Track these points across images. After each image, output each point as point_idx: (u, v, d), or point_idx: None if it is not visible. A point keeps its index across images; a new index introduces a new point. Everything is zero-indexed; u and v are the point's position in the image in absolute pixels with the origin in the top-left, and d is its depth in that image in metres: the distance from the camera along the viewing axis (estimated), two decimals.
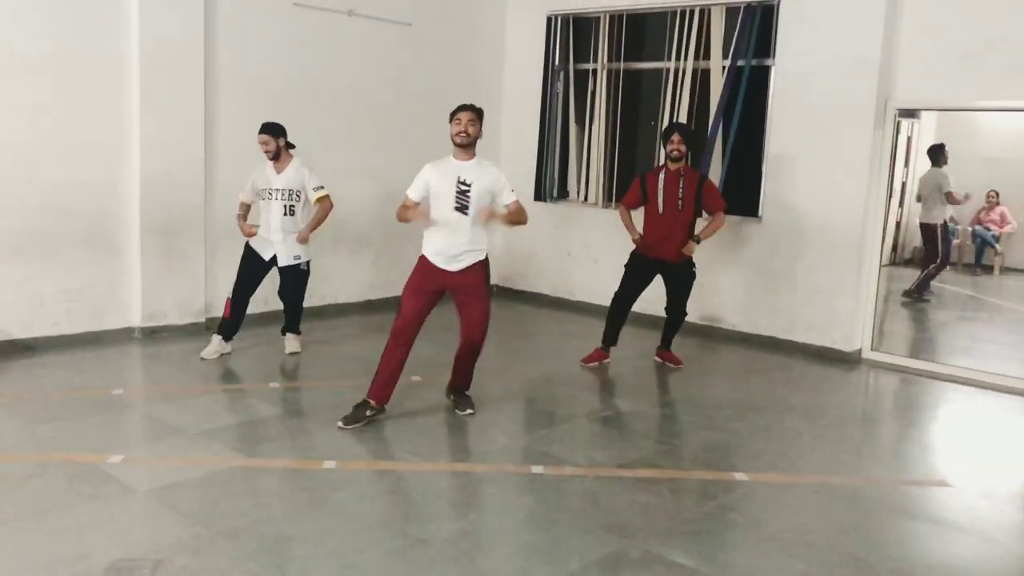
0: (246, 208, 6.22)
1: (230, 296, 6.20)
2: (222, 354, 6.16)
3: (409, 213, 4.89)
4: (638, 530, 3.70)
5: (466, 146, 4.85)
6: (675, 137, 6.02)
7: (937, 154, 9.30)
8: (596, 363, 6.39)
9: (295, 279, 6.22)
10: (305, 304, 7.55)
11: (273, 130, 5.95)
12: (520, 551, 3.51)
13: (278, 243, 6.08)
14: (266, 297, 6.61)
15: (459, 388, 5.34)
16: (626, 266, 6.38)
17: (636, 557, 3.45)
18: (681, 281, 6.31)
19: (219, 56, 6.80)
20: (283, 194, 6.03)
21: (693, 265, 6.30)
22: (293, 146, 6.10)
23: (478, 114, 4.86)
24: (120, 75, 6.31)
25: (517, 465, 4.43)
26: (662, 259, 6.20)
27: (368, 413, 4.89)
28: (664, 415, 5.34)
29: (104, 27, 6.21)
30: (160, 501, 3.80)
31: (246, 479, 4.10)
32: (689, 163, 6.28)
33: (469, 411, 5.21)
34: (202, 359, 6.06)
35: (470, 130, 4.81)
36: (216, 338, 6.17)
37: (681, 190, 6.08)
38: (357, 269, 7.96)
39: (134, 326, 6.58)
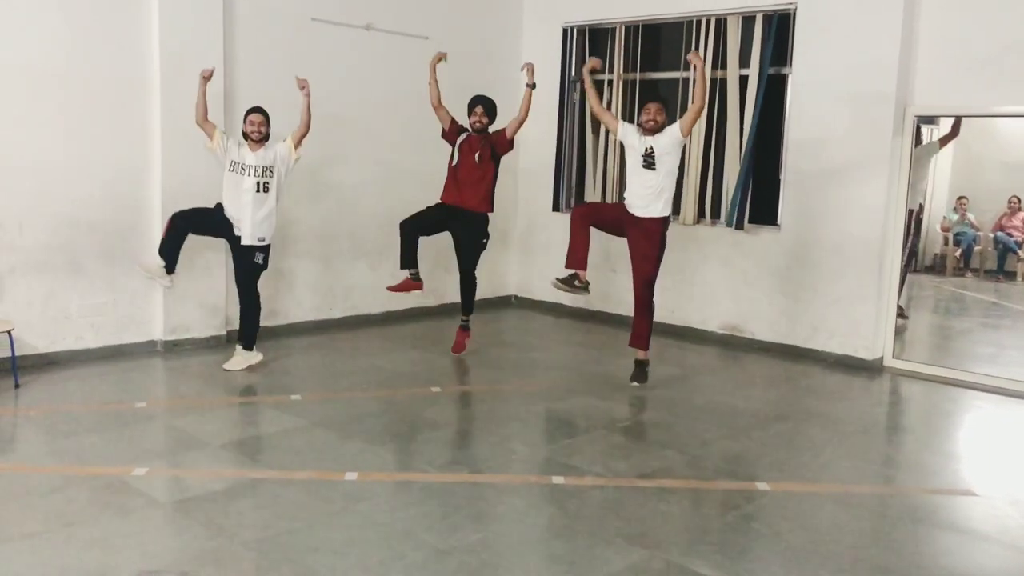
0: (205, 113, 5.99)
1: (176, 217, 6.02)
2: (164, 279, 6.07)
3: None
4: (660, 541, 3.69)
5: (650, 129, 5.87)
6: (478, 109, 6.44)
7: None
8: (404, 292, 6.63)
9: (251, 266, 6.12)
10: (327, 316, 7.60)
11: (267, 113, 6.03)
12: (542, 562, 3.50)
13: (246, 221, 6.01)
14: (286, 310, 6.66)
15: (638, 354, 6.05)
16: (427, 207, 6.57)
17: (659, 568, 3.44)
18: (472, 233, 6.50)
19: (238, 72, 6.87)
20: (256, 171, 6.00)
21: (486, 224, 6.53)
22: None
23: (664, 103, 5.98)
24: (141, 92, 6.39)
25: (538, 476, 4.43)
26: (460, 205, 6.44)
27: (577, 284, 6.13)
28: (685, 425, 5.32)
29: (125, 45, 6.30)
30: (184, 513, 3.82)
31: (269, 491, 4.12)
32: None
33: (634, 383, 5.98)
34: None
35: (658, 118, 5.86)
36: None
37: (479, 153, 6.43)
38: (376, 281, 7.98)
39: (157, 339, 6.64)
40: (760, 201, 7.40)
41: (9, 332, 5.66)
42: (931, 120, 7.30)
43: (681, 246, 7.85)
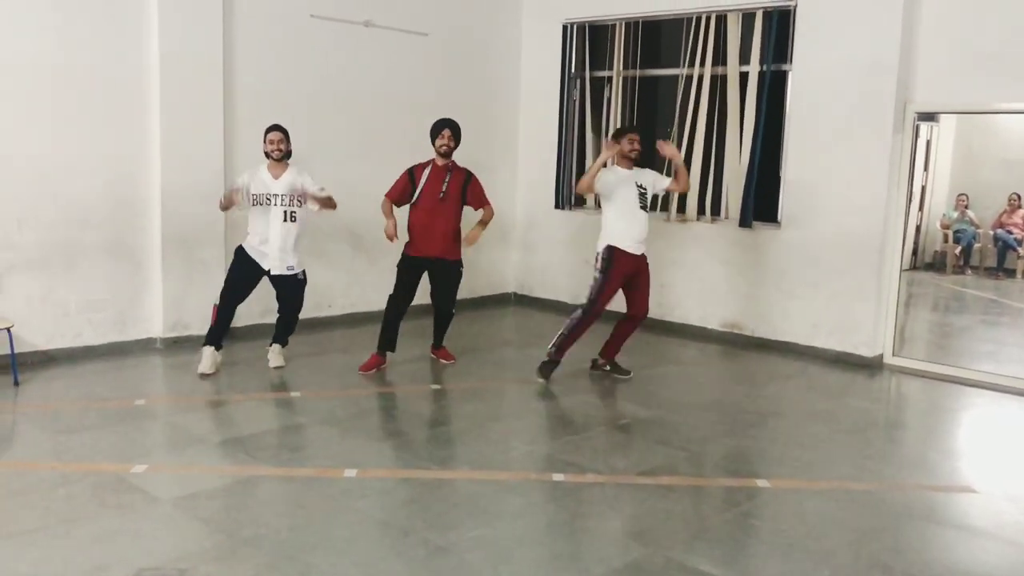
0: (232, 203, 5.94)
1: (217, 303, 6.07)
2: (217, 366, 6.02)
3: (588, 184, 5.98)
4: (660, 538, 3.69)
5: (634, 159, 6.00)
6: (445, 132, 6.10)
7: None
8: (374, 370, 6.19)
9: (294, 287, 6.10)
10: (327, 313, 7.63)
11: (286, 131, 5.96)
12: (542, 559, 3.50)
13: (274, 250, 5.93)
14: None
15: (614, 358, 6.26)
16: (398, 267, 6.30)
17: (659, 565, 3.44)
18: (448, 280, 6.28)
19: (237, 69, 6.86)
20: (284, 200, 5.92)
21: (460, 265, 6.30)
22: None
23: (639, 133, 6.06)
24: (141, 89, 6.39)
25: (538, 473, 4.43)
26: (428, 256, 6.16)
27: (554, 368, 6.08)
28: (684, 422, 5.32)
29: (125, 42, 6.29)
30: (183, 510, 3.82)
31: (268, 488, 4.12)
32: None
33: (628, 375, 6.20)
34: (202, 375, 5.91)
35: (639, 147, 5.98)
36: (208, 350, 6.00)
37: (445, 184, 6.11)
38: (377, 278, 7.96)
39: (156, 336, 6.64)
40: (761, 198, 7.40)
41: (8, 329, 5.65)
42: (931, 117, 7.28)
43: (681, 243, 7.85)
